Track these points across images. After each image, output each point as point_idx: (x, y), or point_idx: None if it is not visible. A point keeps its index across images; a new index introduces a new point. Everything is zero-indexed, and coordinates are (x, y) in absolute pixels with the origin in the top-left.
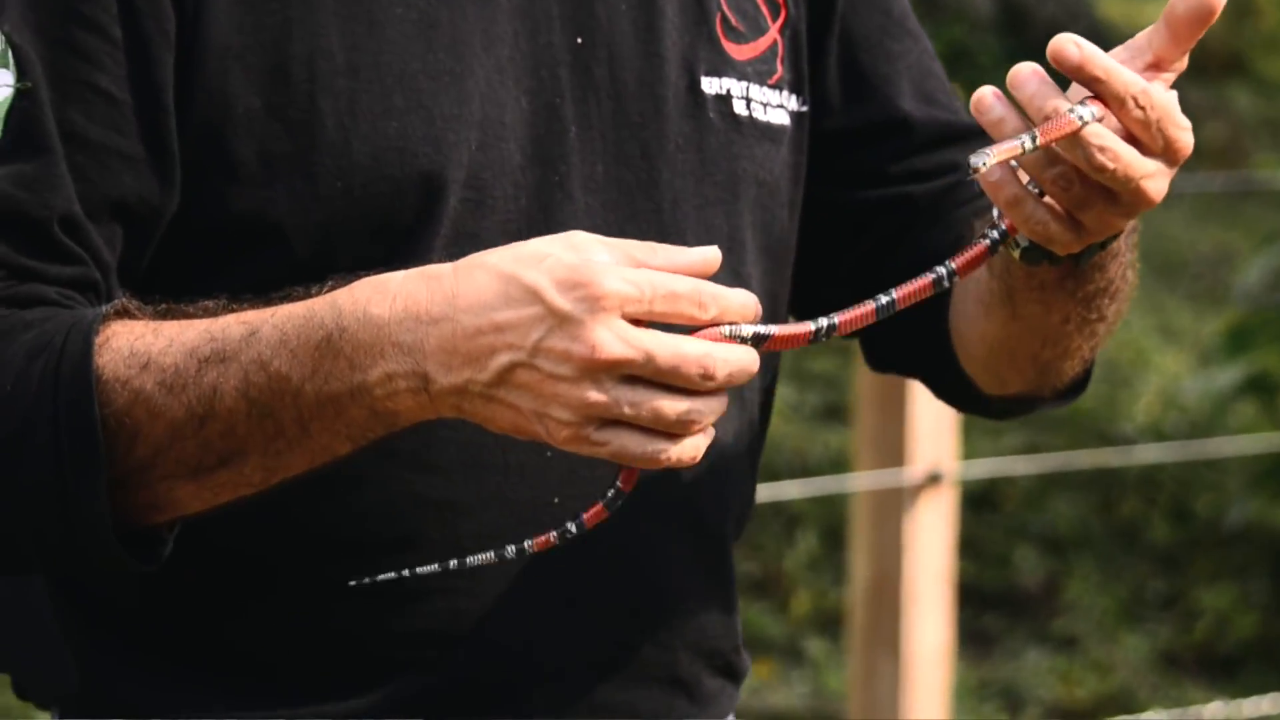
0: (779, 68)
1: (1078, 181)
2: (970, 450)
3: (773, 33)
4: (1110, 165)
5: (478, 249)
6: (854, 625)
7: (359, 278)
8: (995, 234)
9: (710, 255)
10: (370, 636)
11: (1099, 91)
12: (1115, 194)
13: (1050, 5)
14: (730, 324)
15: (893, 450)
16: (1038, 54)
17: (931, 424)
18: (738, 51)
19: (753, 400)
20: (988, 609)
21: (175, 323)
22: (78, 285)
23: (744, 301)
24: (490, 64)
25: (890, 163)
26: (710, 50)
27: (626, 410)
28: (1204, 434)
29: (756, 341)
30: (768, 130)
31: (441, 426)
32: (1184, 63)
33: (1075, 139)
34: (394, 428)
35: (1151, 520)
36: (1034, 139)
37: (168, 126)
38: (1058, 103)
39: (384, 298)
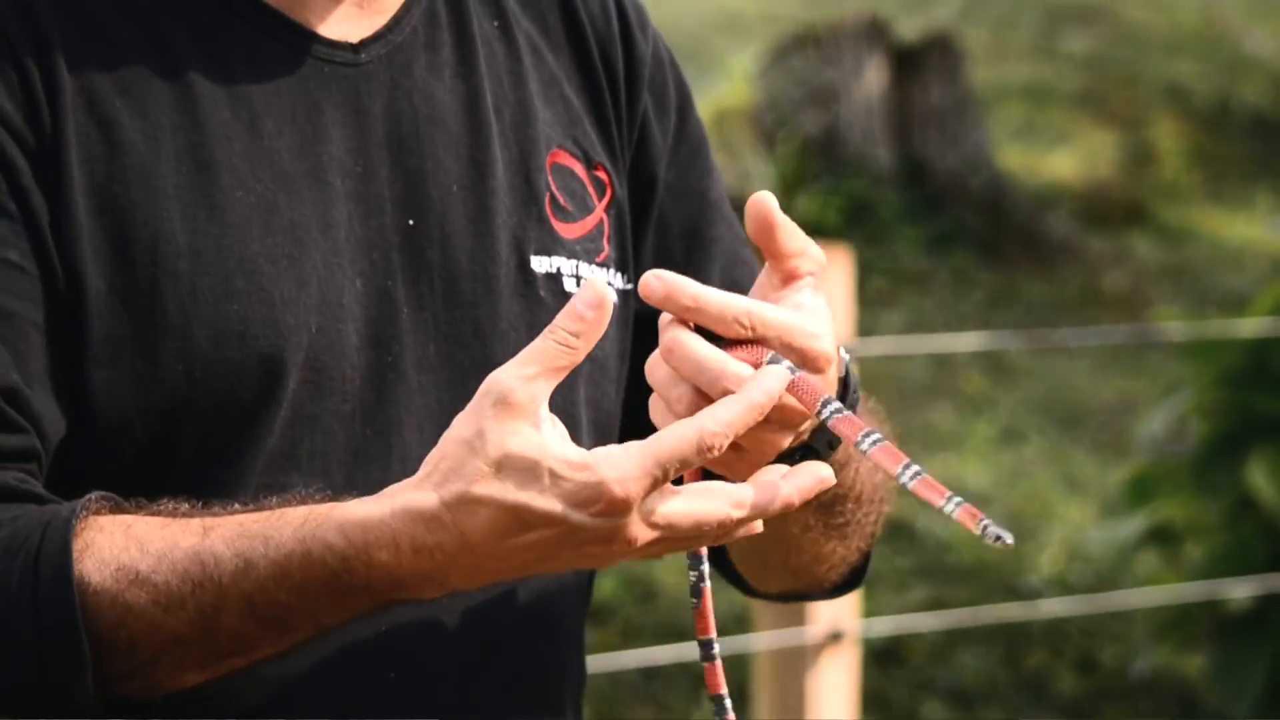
0: (605, 246)
1: (701, 402)
2: (874, 606)
3: (599, 212)
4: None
5: (317, 431)
6: None
7: (320, 497)
8: None
9: (599, 295)
10: None
11: (697, 322)
12: None
13: (951, 158)
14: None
15: (793, 609)
16: (938, 206)
17: None
18: (567, 230)
19: (584, 571)
20: None
21: (157, 536)
22: (24, 456)
23: (749, 415)
24: (327, 247)
25: None
26: (540, 230)
27: (661, 551)
28: (1109, 584)
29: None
30: None
31: None
32: (811, 263)
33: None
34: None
35: (1058, 671)
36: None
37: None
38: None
39: (385, 543)
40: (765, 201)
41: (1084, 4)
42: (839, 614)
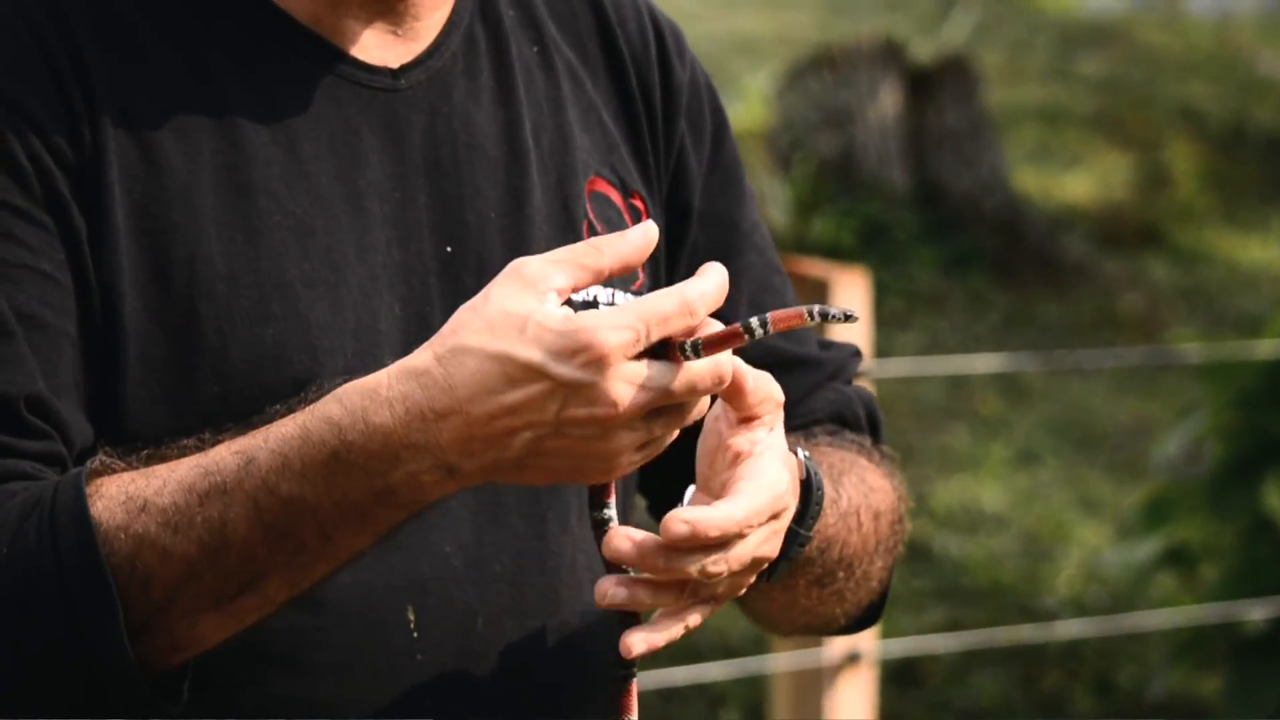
0: (640, 274)
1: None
2: (891, 627)
3: None
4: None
5: None
6: None
7: (329, 389)
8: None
9: (650, 231)
10: None
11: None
12: None
13: (966, 179)
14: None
15: None
16: (954, 228)
17: None
18: None
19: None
20: None
21: (165, 462)
22: (46, 459)
23: (719, 290)
24: (364, 272)
25: None
26: None
27: (658, 432)
28: (1125, 606)
29: (695, 349)
30: None
31: (314, 630)
32: (772, 404)
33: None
34: (423, 508)
35: (1075, 693)
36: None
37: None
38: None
39: (380, 404)
40: (735, 369)
41: (1098, 26)
42: (856, 635)
